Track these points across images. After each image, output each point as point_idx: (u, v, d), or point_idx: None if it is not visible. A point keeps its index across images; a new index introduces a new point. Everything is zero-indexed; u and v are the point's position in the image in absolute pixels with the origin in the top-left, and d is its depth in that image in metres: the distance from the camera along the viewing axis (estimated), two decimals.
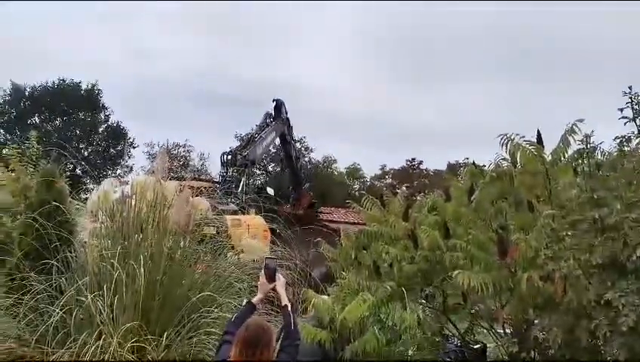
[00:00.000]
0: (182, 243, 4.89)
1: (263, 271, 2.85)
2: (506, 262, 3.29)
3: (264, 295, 2.89)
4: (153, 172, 5.05)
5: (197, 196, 5.58)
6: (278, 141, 17.49)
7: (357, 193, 40.31)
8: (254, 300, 2.94)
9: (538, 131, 3.84)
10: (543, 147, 3.76)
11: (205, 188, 5.75)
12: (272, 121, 16.38)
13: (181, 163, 30.71)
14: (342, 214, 26.33)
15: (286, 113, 16.85)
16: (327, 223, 22.05)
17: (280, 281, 2.87)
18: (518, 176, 3.74)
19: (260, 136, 15.92)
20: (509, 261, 3.30)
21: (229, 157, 14.66)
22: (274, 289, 2.89)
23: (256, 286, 3.45)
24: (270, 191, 13.99)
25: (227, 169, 14.37)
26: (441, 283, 3.80)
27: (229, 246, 5.48)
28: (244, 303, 2.90)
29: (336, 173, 41.63)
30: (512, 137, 3.80)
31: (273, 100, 16.55)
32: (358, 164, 43.69)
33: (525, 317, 3.35)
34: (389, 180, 38.54)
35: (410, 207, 4.62)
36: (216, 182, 13.01)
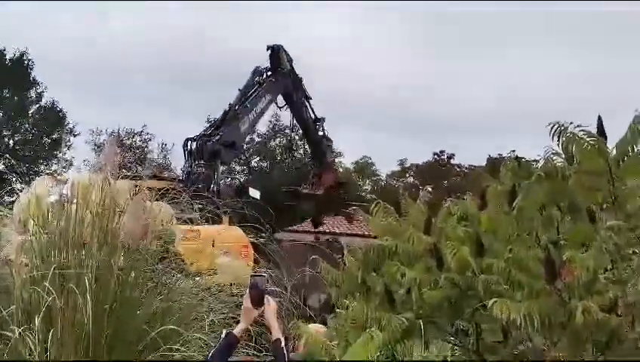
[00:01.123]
0: (137, 261, 4.96)
1: (248, 292, 2.86)
2: (556, 288, 3.34)
3: (249, 324, 2.91)
4: (100, 168, 5.10)
5: (157, 200, 5.64)
6: (277, 107, 16.76)
7: (368, 195, 40.51)
8: (236, 331, 2.98)
9: (599, 119, 3.89)
10: (606, 139, 3.82)
11: (169, 189, 5.80)
12: (267, 78, 15.67)
13: (137, 156, 30.89)
14: (347, 223, 26.50)
15: (289, 62, 16.14)
16: (328, 235, 22.17)
17: (270, 307, 2.89)
18: (574, 175, 3.79)
19: (244, 105, 14.98)
20: (560, 286, 3.35)
21: (196, 144, 13.83)
22: (262, 316, 2.91)
23: (235, 318, 3.49)
24: (254, 193, 13.36)
25: (192, 161, 13.68)
26: (474, 314, 3.85)
27: (183, 268, 5.51)
28: (223, 335, 2.94)
29: (341, 169, 41.88)
30: (566, 126, 3.86)
31: (268, 48, 15.83)
32: (369, 158, 43.86)
33: (583, 359, 3.41)
34: (410, 179, 38.70)
35: (433, 216, 4.67)
36: (181, 181, 12.50)
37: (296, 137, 40.26)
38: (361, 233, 24.64)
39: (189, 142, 14.03)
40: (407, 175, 38.75)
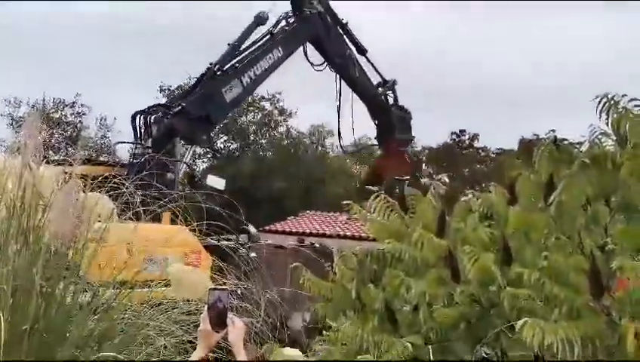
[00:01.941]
0: (67, 270, 4.93)
1: (206, 311, 2.86)
2: (603, 305, 3.39)
3: (208, 351, 2.91)
4: (18, 149, 5.06)
5: (93, 191, 5.61)
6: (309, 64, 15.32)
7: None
8: (192, 359, 2.98)
9: None
10: None
11: (108, 176, 5.78)
12: (283, 28, 14.58)
13: (68, 134, 30.68)
14: (338, 223, 26.59)
15: (323, 3, 15.15)
16: (314, 238, 22.27)
17: (236, 328, 2.89)
18: (627, 162, 3.84)
19: (234, 65, 13.92)
20: (608, 302, 3.39)
21: (143, 118, 13.03)
22: (225, 340, 2.92)
23: (193, 343, 3.47)
24: (215, 182, 12.41)
25: (140, 141, 12.89)
26: (498, 338, 3.89)
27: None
28: None
29: (331, 153, 41.87)
30: (617, 99, 3.90)
31: None
32: (369, 139, 43.70)
33: None
34: (422, 165, 38.86)
35: (449, 213, 4.71)
36: (124, 166, 12.08)
37: (275, 111, 40.48)
38: (356, 235, 24.82)
39: (139, 117, 13.39)
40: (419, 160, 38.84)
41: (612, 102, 3.94)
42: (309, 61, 15.39)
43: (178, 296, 5.72)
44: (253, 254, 8.32)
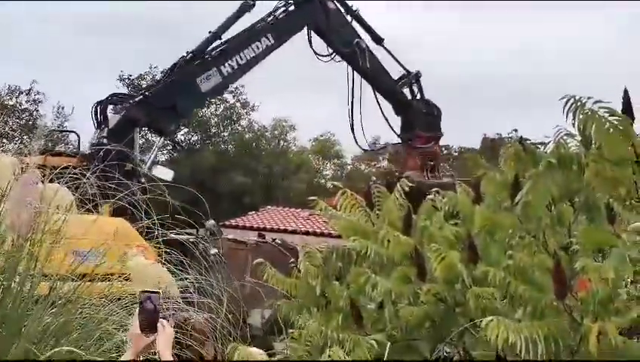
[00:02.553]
0: (22, 262, 4.85)
1: (136, 314, 2.84)
2: (567, 305, 3.44)
3: (137, 354, 2.90)
4: None
5: (52, 181, 5.52)
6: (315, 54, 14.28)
7: (329, 183, 40.54)
8: None
9: (626, 93, 4.01)
10: (634, 119, 3.94)
11: (68, 167, 5.68)
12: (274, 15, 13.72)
13: (22, 122, 30.10)
14: (300, 219, 26.60)
15: None
16: (276, 233, 22.23)
17: (165, 333, 2.89)
18: (592, 163, 3.90)
19: (215, 51, 13.12)
20: (571, 302, 3.45)
21: (100, 106, 12.53)
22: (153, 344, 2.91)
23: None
24: (163, 173, 11.83)
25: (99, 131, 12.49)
26: (462, 337, 3.93)
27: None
28: None
29: (294, 147, 41.87)
30: (584, 101, 3.96)
31: None
32: (332, 135, 43.88)
33: None
34: (384, 163, 39.03)
35: (414, 211, 4.74)
36: (85, 157, 11.80)
37: (238, 104, 40.28)
38: (318, 231, 24.85)
39: (97, 106, 13.06)
40: (381, 158, 39.02)
41: (578, 103, 3.99)
42: (313, 50, 14.50)
43: (137, 288, 5.66)
44: (214, 250, 8.20)
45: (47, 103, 32.93)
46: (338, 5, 14.68)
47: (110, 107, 12.95)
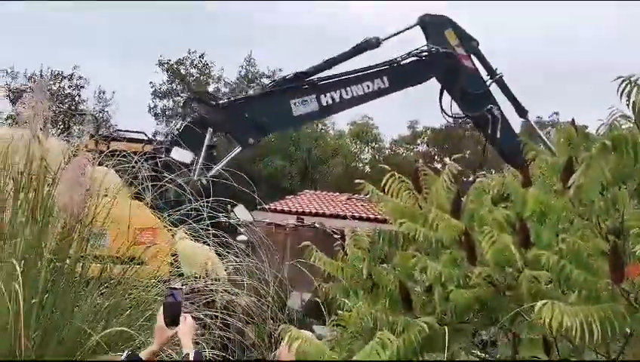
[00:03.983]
0: (75, 243, 4.96)
1: (162, 309, 3.00)
2: (623, 289, 3.39)
3: (161, 346, 3.04)
4: (25, 121, 5.06)
5: (100, 164, 5.62)
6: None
7: (366, 167, 40.47)
8: (144, 354, 3.06)
9: None
10: None
11: (138, 153, 5.77)
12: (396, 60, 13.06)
13: (66, 106, 30.51)
14: (341, 203, 26.61)
15: (465, 42, 13.57)
16: (315, 218, 22.27)
17: (186, 325, 3.02)
18: None
19: (319, 80, 12.47)
20: (628, 287, 3.40)
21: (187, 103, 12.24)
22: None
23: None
24: (181, 154, 11.35)
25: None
26: (513, 321, 3.90)
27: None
28: (123, 357, 3.02)
29: (331, 131, 41.74)
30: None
31: (419, 21, 13.38)
32: (370, 119, 43.50)
33: None
34: (422, 147, 38.79)
35: (463, 194, 4.70)
36: (163, 143, 11.52)
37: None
38: (356, 215, 24.83)
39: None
40: (419, 142, 38.83)
41: (634, 83, 3.91)
42: (441, 107, 13.92)
43: (186, 271, 5.76)
44: (242, 237, 8.25)
45: (89, 88, 33.42)
46: (476, 65, 14.09)
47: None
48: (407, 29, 13.55)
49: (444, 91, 14.27)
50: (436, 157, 37.85)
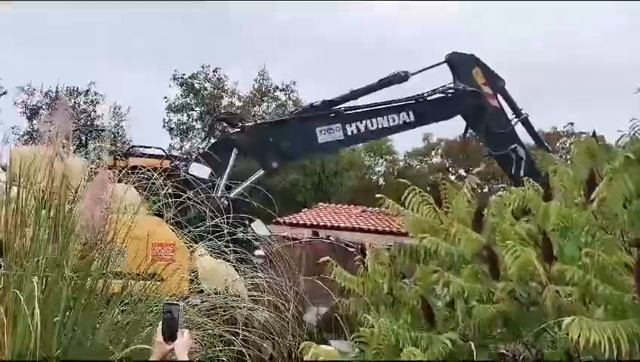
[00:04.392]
0: (97, 260, 4.95)
1: (161, 324, 3.12)
2: None
3: (159, 359, 3.13)
4: (48, 139, 5.08)
5: (120, 181, 5.64)
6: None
7: (380, 180, 40.50)
8: None
9: None
10: None
11: (158, 168, 5.77)
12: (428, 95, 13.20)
13: (82, 122, 30.73)
14: (355, 216, 26.56)
15: (492, 81, 13.72)
16: (330, 231, 22.25)
17: (183, 339, 3.12)
18: None
19: (344, 110, 12.51)
20: None
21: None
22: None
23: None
24: (198, 169, 11.26)
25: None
26: (538, 336, 3.86)
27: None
28: None
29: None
30: None
31: (446, 60, 13.59)
32: None
33: None
34: (437, 159, 38.76)
35: (484, 207, 4.69)
36: (181, 159, 11.43)
37: (290, 101, 40.37)
38: (372, 228, 24.77)
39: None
40: (434, 154, 38.72)
41: None
42: (465, 140, 14.18)
43: (207, 287, 5.77)
44: (259, 252, 8.21)
45: (104, 103, 33.66)
46: (502, 104, 14.13)
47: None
48: (435, 65, 13.69)
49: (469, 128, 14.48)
50: (450, 169, 37.78)
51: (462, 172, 36.37)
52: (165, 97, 38.81)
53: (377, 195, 5.18)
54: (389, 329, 4.08)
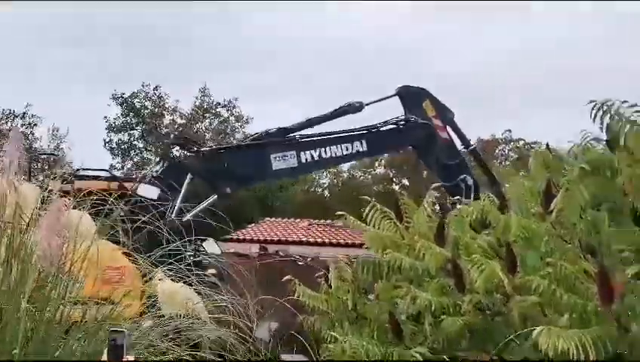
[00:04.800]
0: (55, 290, 4.83)
1: (106, 350, 3.20)
2: (613, 311, 3.45)
3: None
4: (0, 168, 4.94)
5: (72, 208, 5.51)
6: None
7: (325, 192, 40.63)
8: None
9: None
10: None
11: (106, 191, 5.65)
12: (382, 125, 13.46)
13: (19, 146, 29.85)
14: (303, 229, 26.56)
15: (441, 115, 14.00)
16: (278, 245, 22.20)
17: None
18: (626, 168, 3.92)
19: (295, 138, 12.72)
20: (618, 308, 3.46)
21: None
22: None
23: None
24: (147, 191, 10.71)
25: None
26: (507, 346, 3.92)
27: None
28: None
29: None
30: (614, 106, 3.99)
31: (397, 93, 13.91)
32: None
33: None
34: (381, 170, 39.10)
35: (445, 222, 4.75)
36: (130, 180, 11.48)
37: (232, 117, 40.20)
38: (319, 241, 24.82)
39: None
40: (377, 165, 39.03)
41: (607, 107, 4.02)
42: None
43: (167, 311, 5.66)
44: (212, 270, 8.13)
45: (42, 126, 32.93)
46: (452, 137, 14.43)
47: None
48: (386, 98, 13.97)
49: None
50: (394, 180, 38.14)
51: (405, 182, 36.79)
52: (105, 117, 38.20)
53: (338, 213, 5.21)
54: (358, 345, 4.10)
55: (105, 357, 3.19)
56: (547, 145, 4.80)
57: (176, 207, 10.68)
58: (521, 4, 44.81)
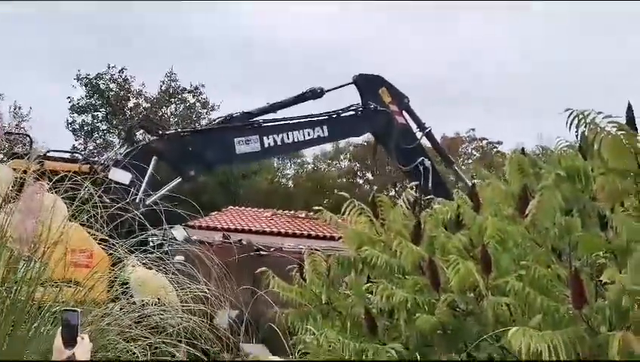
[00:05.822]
0: (27, 271, 4.79)
1: (60, 330, 3.15)
2: (584, 314, 3.56)
3: None
4: None
5: (48, 190, 5.46)
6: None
7: (289, 182, 40.64)
8: None
9: (629, 106, 4.15)
10: (637, 131, 4.08)
11: (72, 173, 5.61)
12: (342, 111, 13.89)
13: None
14: (266, 219, 26.54)
15: (397, 101, 14.42)
16: (241, 234, 22.15)
17: (83, 345, 3.14)
18: (599, 176, 4.02)
19: (258, 123, 12.99)
20: (588, 311, 3.56)
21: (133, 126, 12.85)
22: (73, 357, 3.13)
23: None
24: (119, 175, 10.54)
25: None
26: (478, 346, 4.01)
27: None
28: None
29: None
30: (590, 116, 4.09)
31: (354, 80, 14.25)
32: None
33: None
34: (346, 163, 39.27)
35: (421, 221, 4.82)
36: (99, 163, 11.29)
37: (198, 103, 39.88)
38: (282, 231, 24.84)
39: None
40: (342, 157, 39.20)
41: (583, 116, 4.12)
42: (373, 158, 14.91)
43: (140, 298, 5.67)
44: (179, 257, 8.15)
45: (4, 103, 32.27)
46: (409, 122, 14.86)
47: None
48: (343, 85, 14.32)
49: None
50: (358, 173, 38.36)
51: (369, 175, 36.99)
52: (69, 97, 37.60)
53: (316, 207, 5.25)
54: (334, 340, 4.15)
55: (58, 336, 3.17)
56: (522, 149, 4.91)
57: (141, 191, 10.70)
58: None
